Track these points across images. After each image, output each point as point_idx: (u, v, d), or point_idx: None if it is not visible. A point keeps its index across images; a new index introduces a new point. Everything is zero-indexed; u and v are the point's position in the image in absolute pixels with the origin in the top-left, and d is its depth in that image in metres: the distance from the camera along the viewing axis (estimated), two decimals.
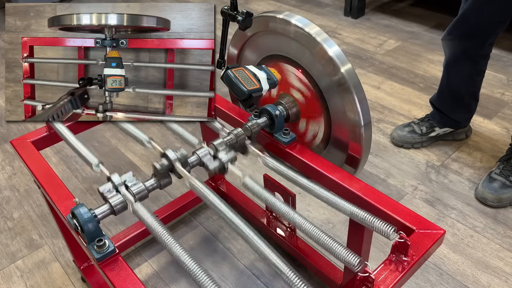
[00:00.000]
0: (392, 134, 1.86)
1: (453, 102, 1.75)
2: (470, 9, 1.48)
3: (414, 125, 1.83)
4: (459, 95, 1.72)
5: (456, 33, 1.56)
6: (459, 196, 1.61)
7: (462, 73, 1.65)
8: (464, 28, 1.53)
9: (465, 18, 1.51)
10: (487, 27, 1.50)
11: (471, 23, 1.50)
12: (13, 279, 1.42)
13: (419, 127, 1.81)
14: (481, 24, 1.49)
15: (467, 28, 1.52)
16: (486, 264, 1.38)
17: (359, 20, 2.96)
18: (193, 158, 0.97)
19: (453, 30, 1.57)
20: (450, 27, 1.57)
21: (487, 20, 1.47)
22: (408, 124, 1.86)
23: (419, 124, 1.82)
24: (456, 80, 1.68)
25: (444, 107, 1.77)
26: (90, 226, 0.81)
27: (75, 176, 1.80)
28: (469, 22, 1.50)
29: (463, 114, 1.79)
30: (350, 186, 0.95)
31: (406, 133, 1.82)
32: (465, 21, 1.51)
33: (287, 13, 1.11)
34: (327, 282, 1.27)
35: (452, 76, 1.68)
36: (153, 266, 1.43)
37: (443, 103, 1.77)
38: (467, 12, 1.49)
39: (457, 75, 1.67)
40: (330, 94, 1.10)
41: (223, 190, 1.58)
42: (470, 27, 1.51)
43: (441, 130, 1.80)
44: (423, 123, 1.82)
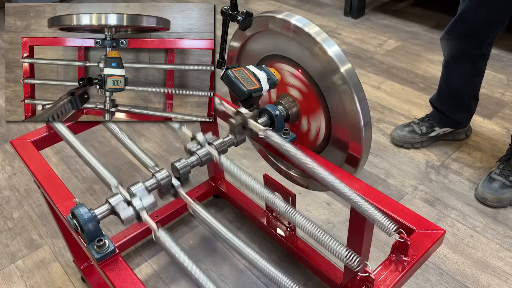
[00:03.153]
0: (392, 134, 1.87)
1: (452, 102, 1.75)
2: (468, 9, 1.47)
3: (414, 125, 1.83)
4: (459, 95, 1.72)
5: (454, 34, 1.56)
6: (459, 196, 1.61)
7: (461, 73, 1.65)
8: (462, 29, 1.53)
9: (463, 18, 1.51)
10: (485, 27, 1.50)
11: (469, 23, 1.50)
12: (13, 279, 1.42)
13: (419, 127, 1.81)
14: (479, 24, 1.48)
15: (465, 28, 1.52)
16: (486, 264, 1.38)
17: (359, 20, 2.96)
18: (193, 158, 0.96)
19: (451, 31, 1.56)
20: (448, 28, 1.57)
21: (485, 20, 1.47)
22: (408, 124, 1.86)
23: (419, 124, 1.82)
24: (455, 80, 1.68)
25: (444, 107, 1.77)
26: (90, 226, 0.81)
27: (75, 176, 1.80)
28: (467, 23, 1.50)
29: (463, 114, 1.78)
30: (350, 186, 0.95)
31: (406, 133, 1.82)
32: (463, 21, 1.51)
33: (287, 13, 1.11)
34: (327, 282, 1.27)
35: (451, 76, 1.68)
36: (153, 266, 1.43)
37: (442, 103, 1.77)
38: (465, 12, 1.49)
39: (456, 75, 1.66)
40: (330, 94, 1.10)
41: (223, 190, 1.58)
42: (468, 27, 1.51)
43: (441, 130, 1.80)
44: (423, 123, 1.82)
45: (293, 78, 1.17)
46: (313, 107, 1.15)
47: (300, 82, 1.15)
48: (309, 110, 1.17)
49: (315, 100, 1.14)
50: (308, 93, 1.14)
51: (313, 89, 1.13)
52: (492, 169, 1.63)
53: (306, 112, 1.18)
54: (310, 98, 1.15)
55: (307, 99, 1.16)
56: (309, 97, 1.15)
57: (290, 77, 1.18)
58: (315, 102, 1.14)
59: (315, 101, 1.14)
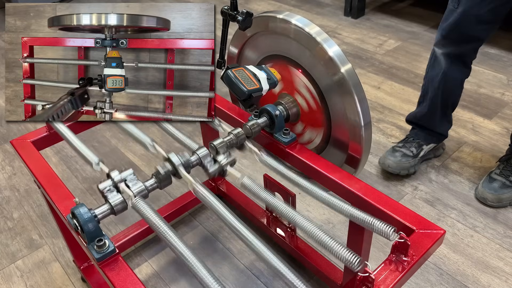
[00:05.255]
0: (386, 162, 1.68)
1: (440, 114, 1.66)
2: (468, 10, 1.43)
3: (401, 149, 1.69)
4: (450, 105, 1.65)
5: (453, 37, 1.48)
6: (459, 196, 1.61)
7: (458, 80, 1.59)
8: (461, 32, 1.46)
9: (461, 20, 1.44)
10: (485, 28, 1.44)
11: (469, 25, 1.43)
12: (13, 279, 1.42)
13: (408, 149, 1.68)
14: (479, 25, 1.45)
15: (466, 30, 1.46)
16: (486, 264, 1.38)
17: (359, 20, 2.96)
18: (193, 158, 0.97)
19: (450, 34, 1.49)
20: (447, 31, 1.48)
21: (485, 21, 1.43)
22: (393, 149, 1.71)
23: (406, 147, 1.69)
24: (451, 89, 1.60)
25: (430, 123, 1.68)
26: (90, 226, 0.81)
27: (75, 176, 1.80)
28: (467, 25, 1.45)
29: (447, 125, 1.72)
30: (350, 186, 0.95)
31: (401, 158, 1.66)
32: (463, 24, 1.47)
33: (287, 13, 1.11)
34: (327, 282, 1.27)
35: (449, 86, 1.59)
36: (153, 266, 1.43)
37: (429, 119, 1.68)
38: (464, 13, 1.45)
39: (454, 84, 1.59)
40: (330, 94, 1.10)
41: (223, 190, 1.58)
42: (468, 30, 1.45)
43: (427, 147, 1.71)
44: (410, 144, 1.70)
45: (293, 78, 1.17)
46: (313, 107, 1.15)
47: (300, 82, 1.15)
48: (309, 110, 1.17)
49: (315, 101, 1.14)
50: (308, 94, 1.14)
51: (313, 89, 1.13)
52: (492, 169, 1.63)
53: (306, 113, 1.18)
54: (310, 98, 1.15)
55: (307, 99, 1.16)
56: (309, 98, 1.15)
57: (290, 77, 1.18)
58: (315, 103, 1.14)
59: (315, 101, 1.14)
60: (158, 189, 0.94)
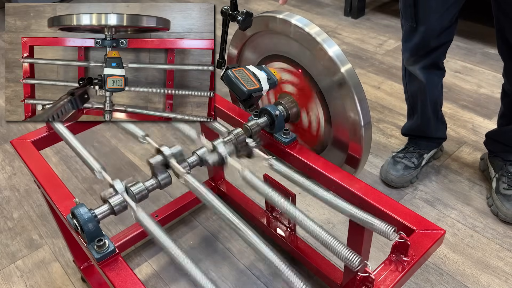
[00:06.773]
0: (388, 177, 1.66)
1: (434, 120, 1.66)
2: (427, 33, 1.40)
3: (402, 160, 1.67)
4: (437, 109, 1.64)
5: (423, 51, 1.46)
6: (459, 196, 1.61)
7: (438, 85, 1.58)
8: (425, 51, 1.45)
9: (424, 42, 1.42)
10: (448, 35, 1.43)
11: (434, 33, 1.40)
12: (13, 279, 1.42)
13: (409, 160, 1.66)
14: (440, 39, 1.42)
15: (429, 48, 1.44)
16: (486, 264, 1.38)
17: (359, 20, 2.96)
18: (193, 158, 0.97)
19: (418, 50, 1.46)
20: (415, 49, 1.46)
21: (448, 22, 1.39)
22: (394, 160, 1.68)
23: (408, 157, 1.67)
24: (436, 95, 1.60)
25: (427, 132, 1.67)
26: (90, 226, 0.81)
27: (75, 176, 1.80)
28: (429, 43, 1.42)
29: (442, 127, 1.72)
30: (350, 186, 0.95)
31: (403, 172, 1.64)
32: (424, 44, 1.43)
33: (287, 13, 1.11)
34: (327, 282, 1.27)
35: (434, 93, 1.58)
36: (153, 266, 1.43)
37: (425, 129, 1.67)
38: (424, 37, 1.41)
39: (435, 90, 1.58)
40: (330, 94, 1.10)
41: (223, 190, 1.58)
42: (432, 46, 1.43)
43: (428, 155, 1.71)
44: (411, 155, 1.67)
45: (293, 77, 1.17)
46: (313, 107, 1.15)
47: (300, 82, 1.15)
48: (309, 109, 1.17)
49: (314, 100, 1.14)
50: (308, 93, 1.14)
51: (313, 89, 1.13)
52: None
53: (306, 113, 1.18)
54: (310, 98, 1.15)
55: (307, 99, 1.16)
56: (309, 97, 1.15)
57: (289, 76, 1.18)
58: (315, 102, 1.14)
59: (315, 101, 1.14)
60: (158, 189, 0.94)
